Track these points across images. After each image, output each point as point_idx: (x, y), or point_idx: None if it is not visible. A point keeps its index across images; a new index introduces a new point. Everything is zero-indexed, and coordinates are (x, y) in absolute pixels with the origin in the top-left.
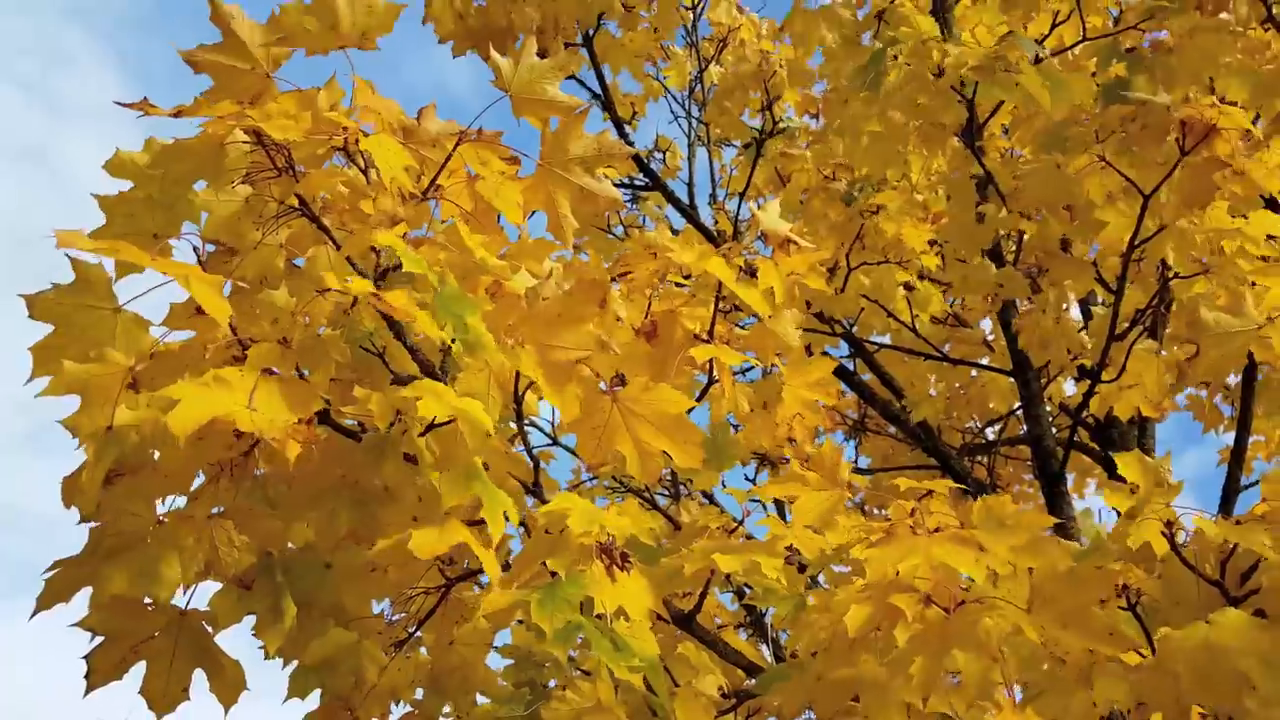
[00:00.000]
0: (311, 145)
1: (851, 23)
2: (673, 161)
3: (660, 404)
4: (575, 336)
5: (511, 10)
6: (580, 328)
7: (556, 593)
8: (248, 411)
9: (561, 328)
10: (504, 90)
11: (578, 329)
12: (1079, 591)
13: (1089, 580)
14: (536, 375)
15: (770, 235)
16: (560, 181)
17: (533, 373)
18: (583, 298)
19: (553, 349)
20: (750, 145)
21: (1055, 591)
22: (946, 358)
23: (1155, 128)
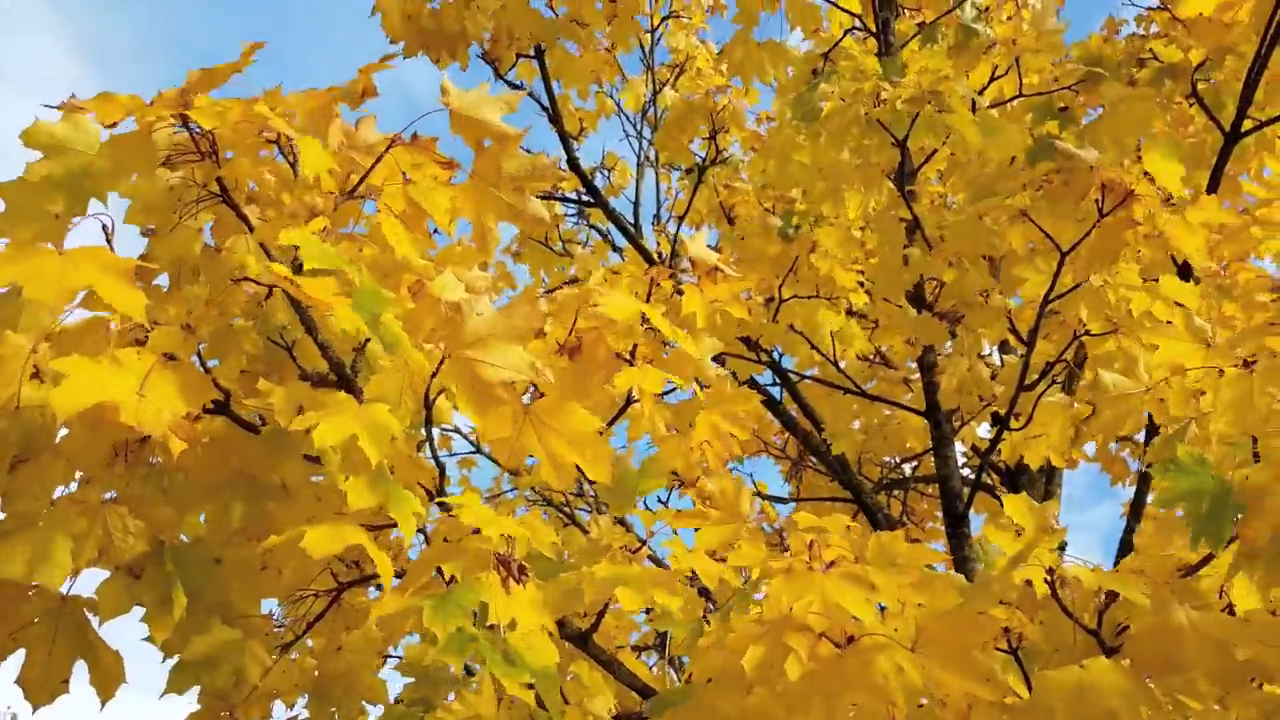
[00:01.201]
0: (239, 136)
1: (799, 59)
2: (619, 180)
3: (572, 421)
4: (507, 357)
5: (465, 17)
6: (512, 349)
7: (450, 600)
8: (133, 400)
9: (493, 346)
10: (446, 105)
11: (510, 350)
12: (962, 633)
13: (972, 623)
14: (460, 389)
15: (697, 262)
16: (489, 196)
17: (455, 386)
18: (520, 321)
19: (481, 365)
20: (692, 172)
21: (939, 632)
22: (864, 394)
23: (1077, 185)
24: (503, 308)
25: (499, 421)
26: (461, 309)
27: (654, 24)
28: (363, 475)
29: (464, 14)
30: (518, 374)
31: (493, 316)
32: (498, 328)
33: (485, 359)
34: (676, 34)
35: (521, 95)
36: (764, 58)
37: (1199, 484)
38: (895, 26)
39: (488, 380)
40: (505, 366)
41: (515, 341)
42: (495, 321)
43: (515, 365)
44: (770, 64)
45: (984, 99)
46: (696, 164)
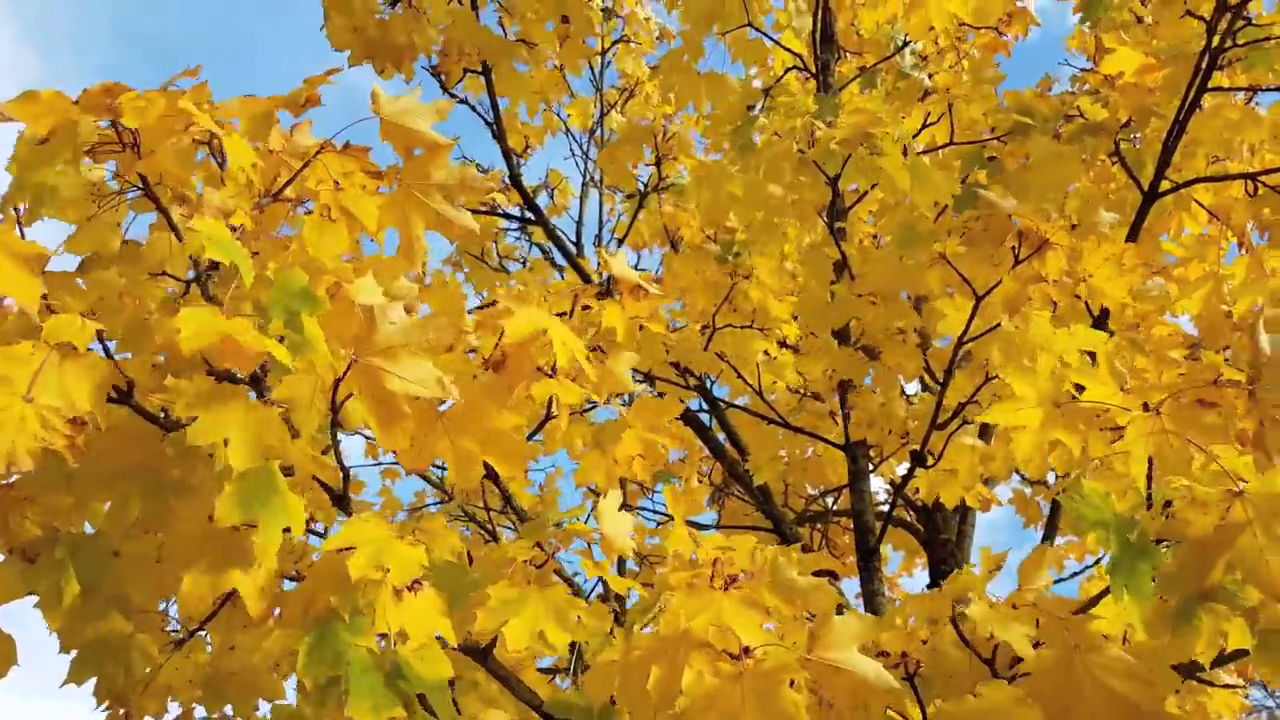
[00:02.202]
0: (163, 131)
1: (738, 92)
2: (561, 199)
3: (486, 420)
4: (415, 370)
5: (414, 29)
6: (421, 363)
7: (328, 639)
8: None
9: (403, 357)
10: (376, 114)
11: (419, 363)
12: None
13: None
14: (363, 396)
15: (620, 280)
16: (417, 204)
17: (359, 392)
18: (434, 334)
19: (387, 376)
20: (634, 196)
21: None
22: (788, 425)
23: (996, 232)
24: (418, 319)
25: (399, 436)
26: (374, 315)
27: (603, 46)
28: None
29: (412, 27)
30: (423, 389)
31: (406, 326)
32: (410, 338)
33: (392, 369)
34: (626, 58)
35: (452, 104)
36: (702, 87)
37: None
38: (836, 68)
39: (392, 392)
40: (412, 380)
41: (427, 354)
42: (408, 332)
43: (422, 380)
44: (708, 94)
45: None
46: (639, 189)
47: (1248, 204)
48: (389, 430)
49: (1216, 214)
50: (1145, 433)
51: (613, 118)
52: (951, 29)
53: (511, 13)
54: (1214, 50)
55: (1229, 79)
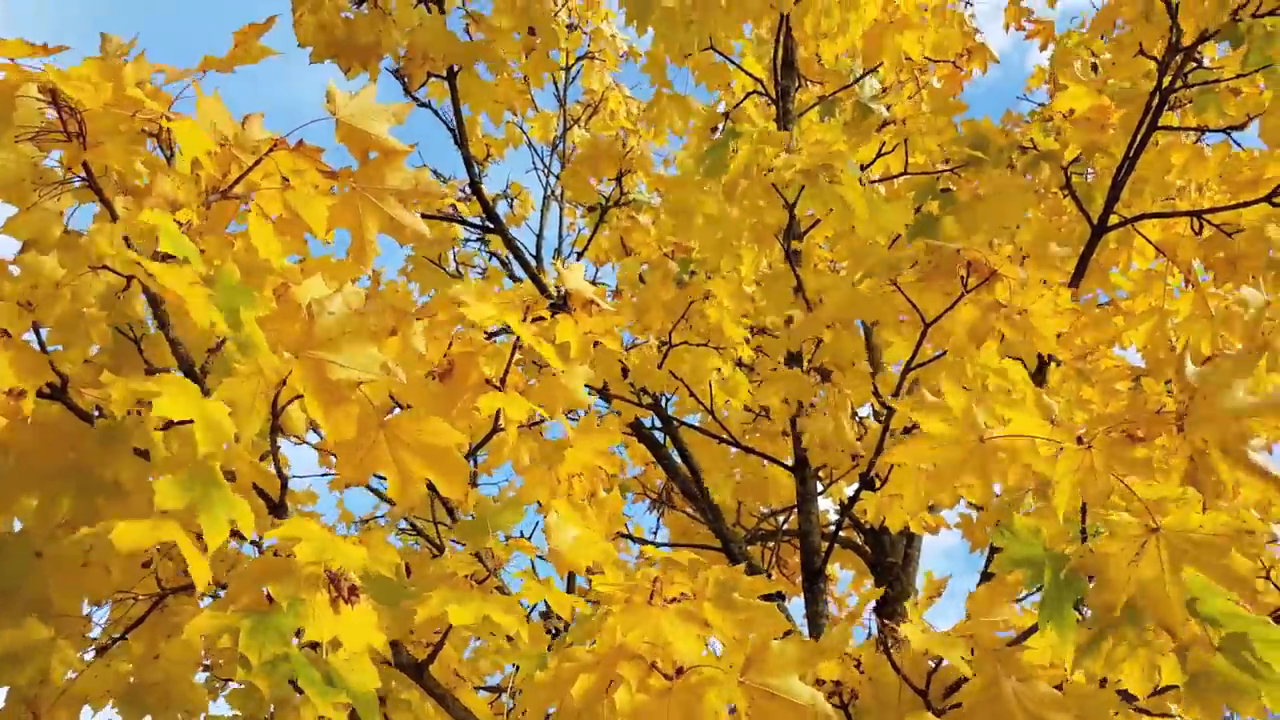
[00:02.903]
0: (111, 118)
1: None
2: (521, 209)
3: (429, 435)
4: (358, 357)
5: (379, 29)
6: (364, 349)
7: (270, 622)
8: None
9: (344, 345)
10: (331, 114)
11: (361, 350)
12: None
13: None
14: (307, 390)
15: (574, 295)
16: (370, 206)
17: (303, 386)
18: (374, 320)
19: (330, 365)
20: (595, 210)
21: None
22: (739, 444)
23: (945, 263)
24: (357, 309)
25: (344, 422)
26: (313, 310)
27: (568, 61)
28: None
29: (379, 27)
30: (367, 373)
31: (345, 316)
32: (349, 327)
33: (334, 358)
34: (591, 74)
35: (410, 108)
36: (673, 109)
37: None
38: (797, 96)
39: (335, 380)
40: (354, 366)
41: (368, 342)
42: (347, 321)
43: (365, 365)
44: (678, 116)
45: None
46: (600, 203)
47: (1194, 241)
48: (334, 417)
49: (1163, 250)
50: (1073, 467)
51: (576, 133)
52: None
53: (479, 20)
54: (1164, 90)
55: (1179, 119)
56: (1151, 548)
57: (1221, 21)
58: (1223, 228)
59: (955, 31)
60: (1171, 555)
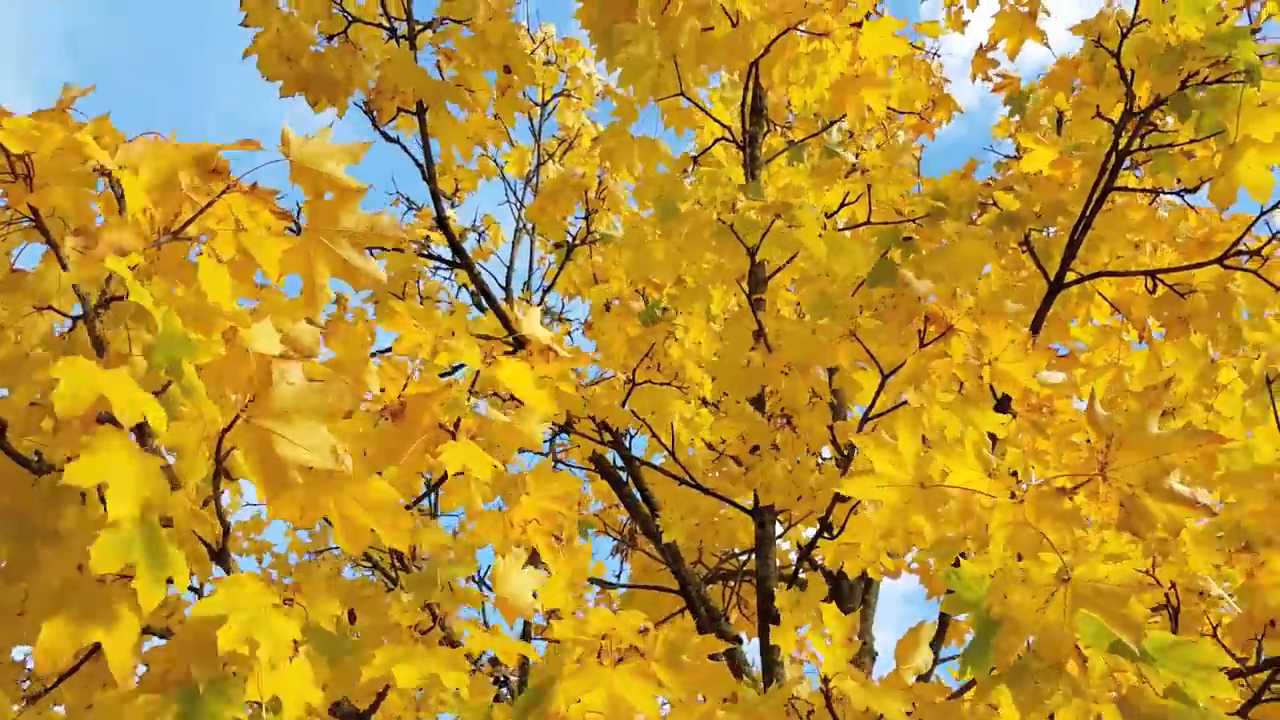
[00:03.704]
0: (60, 162)
1: (669, 157)
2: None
3: (374, 493)
4: (309, 437)
5: (350, 65)
6: (316, 429)
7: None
8: None
9: (297, 421)
10: (285, 155)
11: (314, 430)
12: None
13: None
14: (250, 457)
15: (531, 340)
16: (323, 250)
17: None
18: (332, 399)
19: (278, 440)
20: (562, 246)
21: None
22: (697, 485)
23: (905, 312)
24: (318, 383)
25: (288, 506)
26: (270, 373)
27: (544, 98)
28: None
29: (349, 62)
30: (314, 457)
31: (304, 388)
32: (306, 402)
33: (285, 434)
34: (566, 111)
35: (367, 147)
36: (635, 150)
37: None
38: (765, 141)
39: (282, 457)
40: (305, 446)
41: (323, 420)
42: (305, 395)
43: (316, 447)
44: (640, 158)
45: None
46: (568, 240)
47: (1148, 299)
48: (277, 499)
49: (1119, 307)
50: (1006, 520)
51: (549, 167)
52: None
53: (450, 57)
54: (1121, 152)
55: (1136, 181)
56: (1059, 596)
57: (1172, 90)
58: (1176, 287)
59: (922, 83)
60: (1075, 602)
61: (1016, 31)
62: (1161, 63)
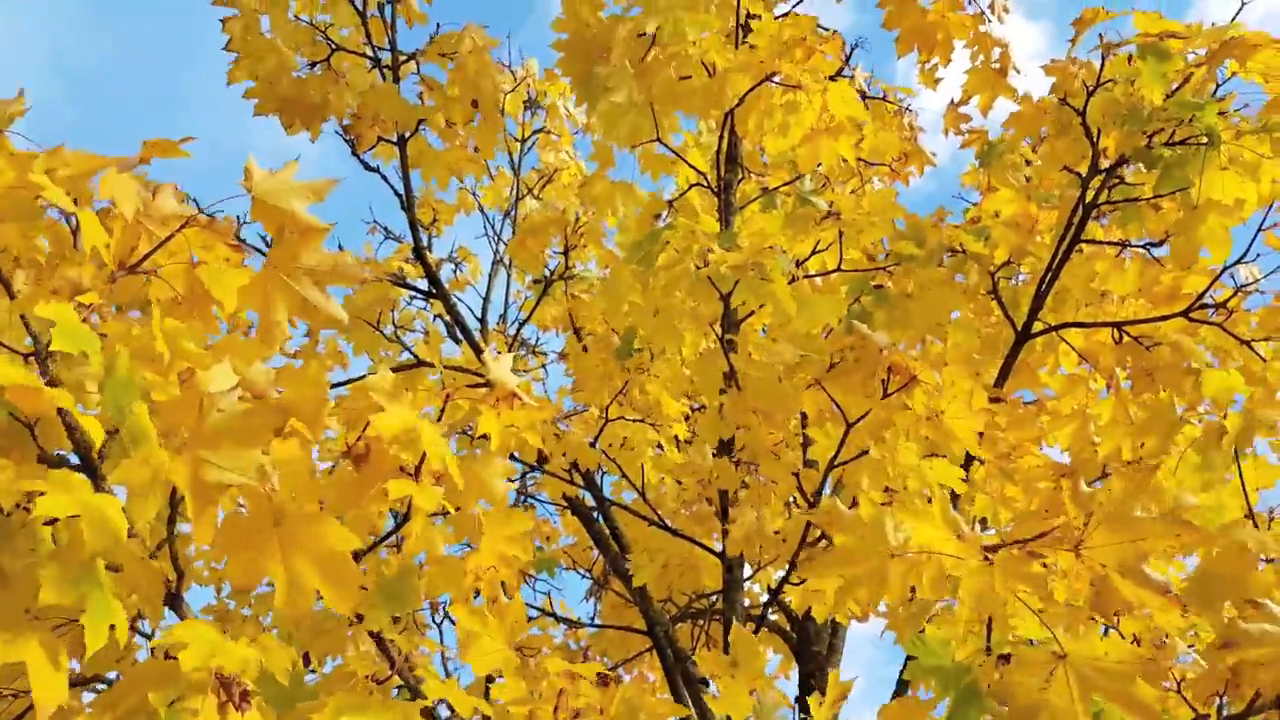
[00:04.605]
0: (12, 199)
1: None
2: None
3: (326, 538)
4: (235, 459)
5: (330, 92)
6: (244, 451)
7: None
8: None
9: (225, 446)
10: (247, 191)
11: (240, 452)
12: None
13: None
14: (184, 488)
15: (498, 386)
16: (282, 287)
17: (181, 484)
18: (259, 419)
19: (205, 465)
20: (539, 282)
21: None
22: (666, 527)
23: (867, 363)
24: (246, 406)
25: (204, 528)
26: (204, 403)
27: (524, 134)
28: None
29: (330, 89)
30: (241, 477)
31: (235, 413)
32: (236, 426)
33: (211, 458)
34: (546, 148)
35: (333, 184)
36: (616, 194)
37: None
38: (740, 187)
39: (206, 481)
40: (229, 468)
41: (252, 443)
42: (235, 419)
43: (241, 467)
44: (621, 201)
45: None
46: (544, 277)
47: (1115, 349)
48: (198, 522)
49: (1086, 356)
50: (974, 584)
51: (528, 202)
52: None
53: (432, 87)
54: (1088, 205)
55: (1103, 231)
56: (1060, 676)
57: (1138, 145)
58: (1141, 339)
59: (894, 136)
60: (1080, 683)
61: (989, 88)
62: (1127, 121)
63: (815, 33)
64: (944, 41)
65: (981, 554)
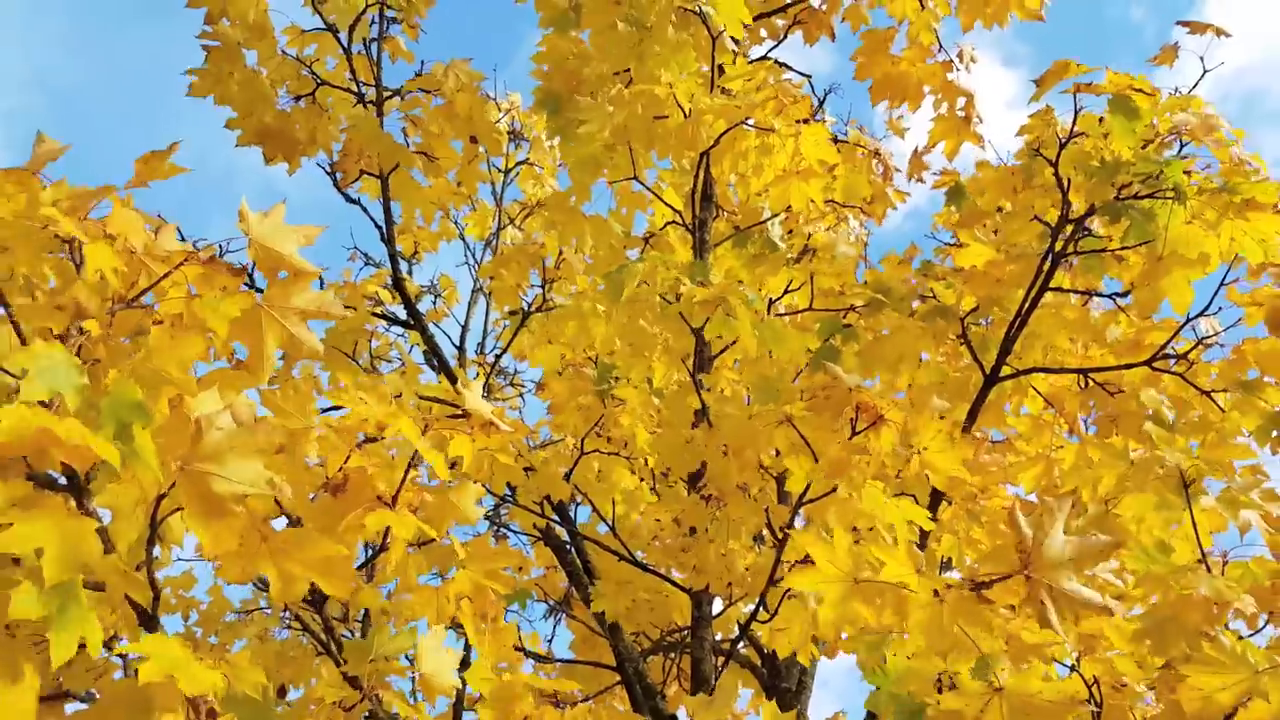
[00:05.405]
0: (21, 227)
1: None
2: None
3: (314, 549)
4: (243, 471)
5: (315, 127)
6: (250, 464)
7: None
8: None
9: (230, 460)
10: (245, 233)
11: (247, 465)
12: None
13: None
14: (189, 503)
15: (472, 414)
16: (272, 323)
17: (185, 500)
18: (262, 437)
19: (214, 479)
20: (516, 314)
21: None
22: (635, 562)
23: (837, 402)
24: (245, 426)
25: (225, 535)
26: (201, 425)
27: (506, 166)
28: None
29: (313, 124)
30: (252, 487)
31: (233, 431)
32: (237, 442)
33: (219, 472)
34: (528, 180)
35: (321, 230)
36: (586, 228)
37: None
38: (714, 225)
39: (219, 494)
40: (240, 480)
41: (255, 457)
42: (235, 436)
43: (251, 479)
44: (592, 236)
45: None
46: (522, 309)
47: (1079, 395)
48: (215, 529)
49: (1051, 401)
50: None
51: (509, 231)
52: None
53: (417, 124)
54: (1056, 255)
55: (1070, 279)
56: (995, 706)
57: (1106, 198)
58: (1106, 386)
59: (863, 178)
60: (1012, 715)
61: (954, 134)
62: (1096, 174)
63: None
64: (914, 90)
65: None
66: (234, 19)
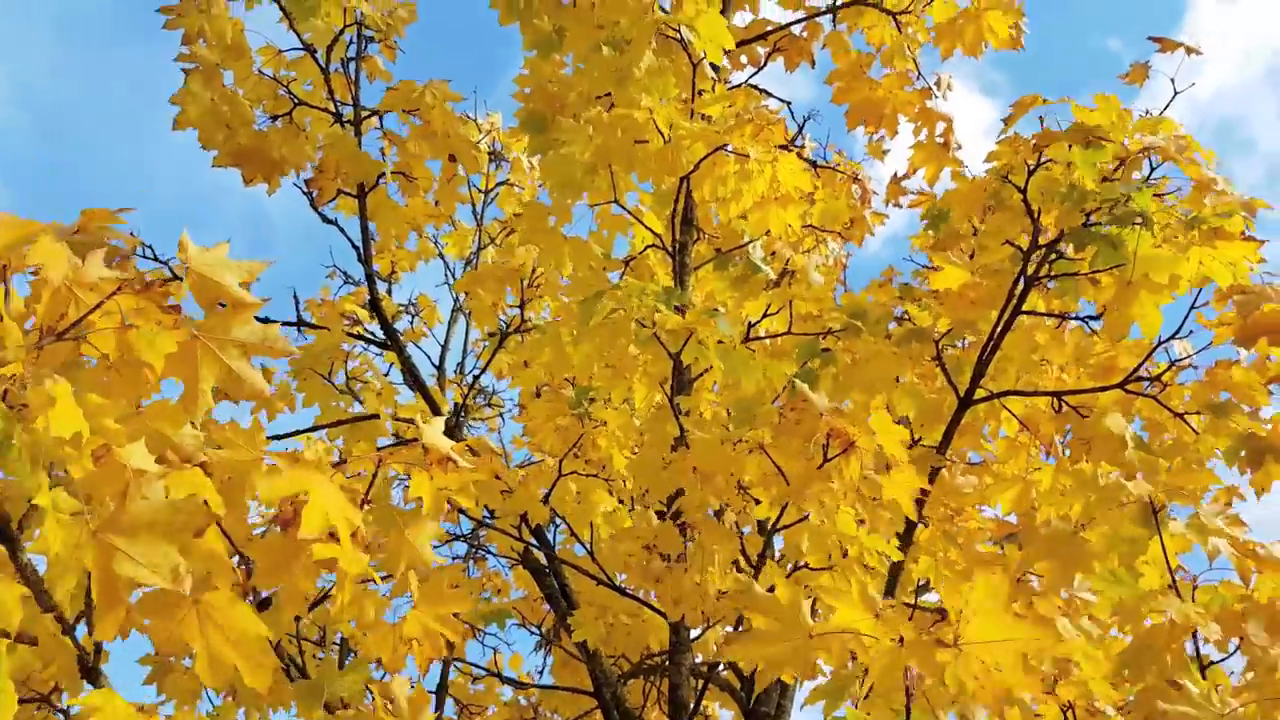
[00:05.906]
0: None
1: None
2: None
3: (240, 621)
4: (151, 554)
5: (292, 146)
6: (161, 547)
7: None
8: None
9: (143, 538)
10: (183, 263)
11: (158, 547)
12: None
13: None
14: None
15: (430, 450)
16: (209, 356)
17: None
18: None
19: (119, 556)
20: (495, 335)
21: None
22: (613, 586)
23: (807, 427)
24: (170, 501)
25: (108, 626)
26: (128, 489)
27: (487, 186)
28: None
29: (291, 145)
30: (154, 577)
31: (157, 505)
32: (157, 518)
33: (127, 550)
34: (509, 200)
35: (264, 266)
36: (566, 250)
37: None
38: (695, 248)
39: (117, 574)
40: (144, 564)
41: (173, 538)
42: (159, 511)
43: (155, 565)
44: (571, 257)
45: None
46: (500, 329)
47: (1053, 418)
48: (102, 619)
49: (1026, 424)
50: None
51: (489, 251)
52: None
53: (395, 143)
54: (1030, 278)
55: (1044, 302)
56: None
57: (1075, 224)
58: (1080, 409)
59: (843, 203)
60: None
61: (934, 160)
62: (1065, 200)
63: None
64: (890, 116)
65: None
66: (211, 40)
